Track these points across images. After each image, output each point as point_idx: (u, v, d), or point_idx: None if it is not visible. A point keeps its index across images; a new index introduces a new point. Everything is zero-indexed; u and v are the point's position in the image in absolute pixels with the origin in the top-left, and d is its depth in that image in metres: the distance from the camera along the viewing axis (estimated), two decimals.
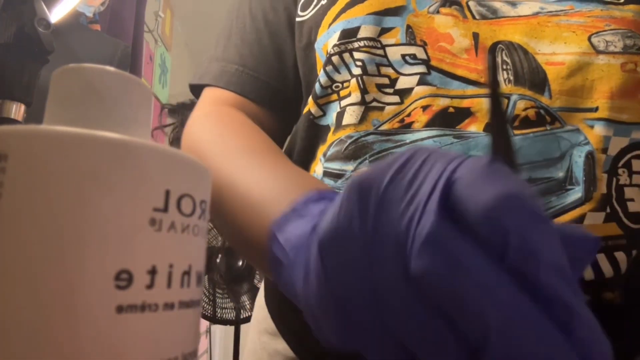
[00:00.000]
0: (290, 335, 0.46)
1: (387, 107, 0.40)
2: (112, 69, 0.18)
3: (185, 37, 2.62)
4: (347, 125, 0.41)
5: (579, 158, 0.35)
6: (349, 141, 0.41)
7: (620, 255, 0.34)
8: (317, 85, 0.43)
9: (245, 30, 0.50)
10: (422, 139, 0.37)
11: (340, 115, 0.42)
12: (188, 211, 0.16)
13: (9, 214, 0.13)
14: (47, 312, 0.13)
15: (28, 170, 0.14)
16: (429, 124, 0.38)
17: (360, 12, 0.42)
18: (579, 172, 0.35)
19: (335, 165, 0.41)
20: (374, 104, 0.40)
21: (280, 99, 0.48)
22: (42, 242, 0.13)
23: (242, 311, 1.27)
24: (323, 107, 0.43)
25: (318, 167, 0.43)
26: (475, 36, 0.38)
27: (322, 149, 0.43)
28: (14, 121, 0.51)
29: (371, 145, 0.39)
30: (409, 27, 0.40)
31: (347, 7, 0.43)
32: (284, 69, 0.48)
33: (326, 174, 0.42)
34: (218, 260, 1.19)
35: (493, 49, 0.38)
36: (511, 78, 0.37)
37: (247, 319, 1.28)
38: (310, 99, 0.44)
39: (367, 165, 0.39)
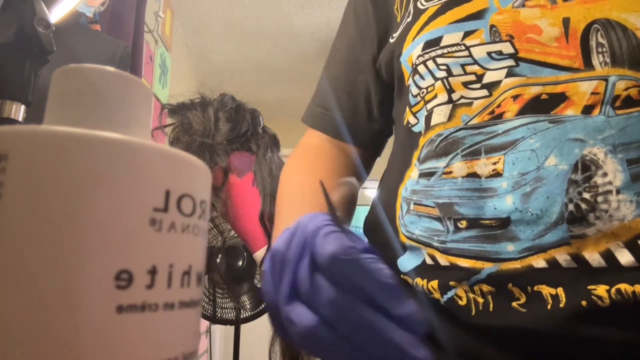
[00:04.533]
0: None
1: (475, 102, 0.40)
2: (112, 69, 0.18)
3: (185, 37, 2.61)
4: (436, 125, 0.42)
5: None
6: (439, 139, 0.42)
7: None
8: (410, 96, 0.47)
9: (329, 78, 0.61)
10: (515, 127, 0.37)
11: (428, 117, 0.44)
12: (188, 211, 0.16)
13: (9, 213, 0.13)
14: (47, 312, 0.13)
15: (28, 170, 0.14)
16: (521, 112, 0.37)
17: (442, 23, 0.43)
18: None
19: (428, 165, 0.43)
20: (462, 100, 0.41)
21: (354, 131, 0.59)
22: (43, 242, 0.13)
23: (242, 311, 1.26)
24: (417, 115, 0.46)
25: (414, 173, 0.45)
26: (566, 22, 0.38)
27: (416, 155, 0.45)
28: (14, 121, 0.51)
29: (462, 140, 0.40)
30: (492, 26, 0.40)
31: (430, 20, 0.44)
32: (356, 108, 0.59)
33: (421, 175, 0.43)
34: (218, 260, 1.18)
35: (586, 33, 0.37)
36: (607, 60, 0.36)
37: (247, 319, 1.27)
38: (407, 110, 0.48)
39: (459, 160, 0.41)
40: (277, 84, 3.07)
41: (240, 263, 1.26)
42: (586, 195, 0.34)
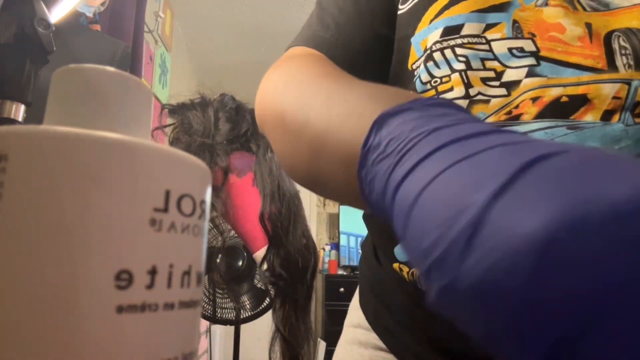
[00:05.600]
0: (384, 333, 0.48)
1: (493, 100, 0.39)
2: (112, 69, 0.18)
3: (185, 37, 2.62)
4: None
5: None
6: None
7: None
8: (417, 82, 0.44)
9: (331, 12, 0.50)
10: (533, 131, 0.36)
11: None
12: (188, 211, 0.16)
13: (9, 214, 0.13)
14: (47, 312, 0.13)
15: (28, 170, 0.14)
16: (540, 116, 0.36)
17: (463, 10, 0.41)
18: None
19: None
20: (479, 97, 0.39)
21: (357, 59, 0.47)
22: (42, 242, 0.13)
23: (242, 311, 1.27)
24: None
25: None
26: (588, 25, 0.37)
27: None
28: (14, 121, 0.51)
29: None
30: (515, 21, 0.39)
31: (451, 4, 0.42)
32: (365, 34, 0.47)
33: None
34: (218, 260, 1.19)
35: (608, 38, 0.37)
36: (631, 63, 0.35)
37: (247, 319, 1.28)
38: None
39: None
40: None
41: (240, 263, 1.26)
42: None
